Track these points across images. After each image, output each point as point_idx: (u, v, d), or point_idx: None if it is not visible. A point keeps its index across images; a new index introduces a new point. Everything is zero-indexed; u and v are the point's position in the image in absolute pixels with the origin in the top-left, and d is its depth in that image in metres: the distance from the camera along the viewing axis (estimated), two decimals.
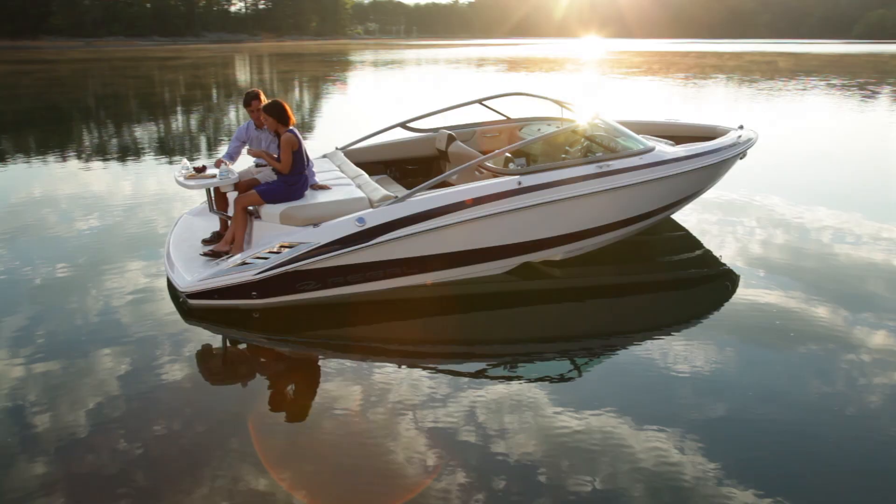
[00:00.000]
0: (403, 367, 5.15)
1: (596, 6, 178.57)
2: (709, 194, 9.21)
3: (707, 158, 7.24)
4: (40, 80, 36.45)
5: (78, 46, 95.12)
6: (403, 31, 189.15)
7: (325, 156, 7.81)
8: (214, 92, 31.43)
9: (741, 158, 7.91)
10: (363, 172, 6.90)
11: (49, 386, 4.81)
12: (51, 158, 13.96)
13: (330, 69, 45.66)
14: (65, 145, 16.11)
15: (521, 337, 5.85)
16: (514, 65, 48.56)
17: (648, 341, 5.58)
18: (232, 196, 6.52)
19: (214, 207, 6.52)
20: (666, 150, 7.10)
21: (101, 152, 14.78)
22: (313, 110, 23.53)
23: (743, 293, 6.58)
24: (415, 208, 5.92)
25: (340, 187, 6.48)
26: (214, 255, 6.18)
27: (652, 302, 6.71)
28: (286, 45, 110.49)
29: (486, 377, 5.04)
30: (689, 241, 8.11)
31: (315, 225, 5.86)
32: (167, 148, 15.33)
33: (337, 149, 7.96)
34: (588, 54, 68.14)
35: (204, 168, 6.26)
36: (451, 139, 7.61)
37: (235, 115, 22.28)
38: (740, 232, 8.35)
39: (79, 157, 14.00)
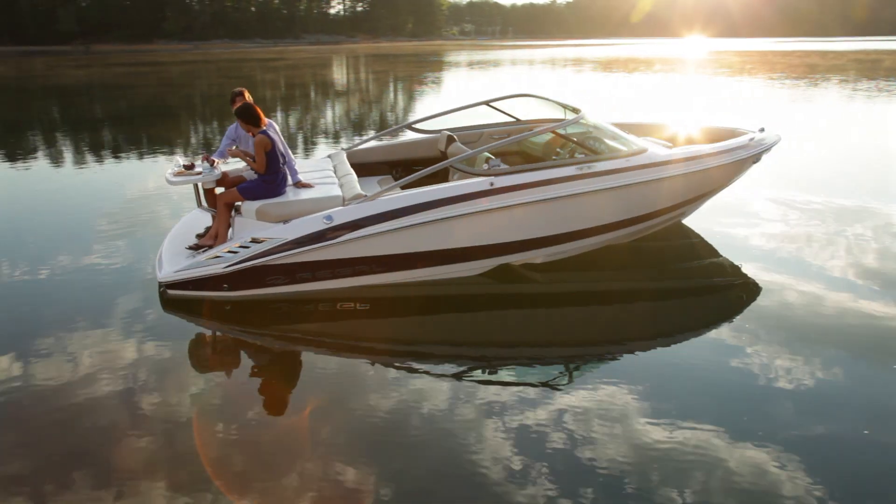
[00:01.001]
0: (485, 370, 5.14)
1: (701, 4, 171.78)
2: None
3: (705, 161, 6.80)
4: (153, 81, 38.14)
5: (187, 49, 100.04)
6: (499, 31, 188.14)
7: (329, 156, 7.92)
8: (312, 91, 31.75)
9: (755, 162, 7.40)
10: (352, 172, 6.88)
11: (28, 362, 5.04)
12: (161, 153, 14.51)
13: (422, 69, 45.50)
14: (172, 140, 16.78)
15: (566, 339, 5.73)
16: (610, 65, 46.91)
17: (733, 350, 5.30)
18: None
19: (203, 203, 6.66)
20: (659, 152, 6.72)
21: (205, 147, 15.20)
22: (402, 108, 23.14)
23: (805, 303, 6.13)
24: (382, 207, 5.94)
25: (322, 185, 6.57)
26: (198, 248, 6.37)
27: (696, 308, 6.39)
28: (382, 46, 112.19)
29: (553, 384, 4.85)
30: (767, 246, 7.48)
31: (285, 221, 5.97)
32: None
33: (342, 149, 8.04)
34: (687, 54, 65.24)
35: (192, 165, 6.42)
36: (450, 140, 7.55)
37: (332, 113, 22.23)
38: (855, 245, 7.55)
39: (184, 152, 14.65)
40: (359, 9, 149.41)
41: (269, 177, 6.32)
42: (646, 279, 6.85)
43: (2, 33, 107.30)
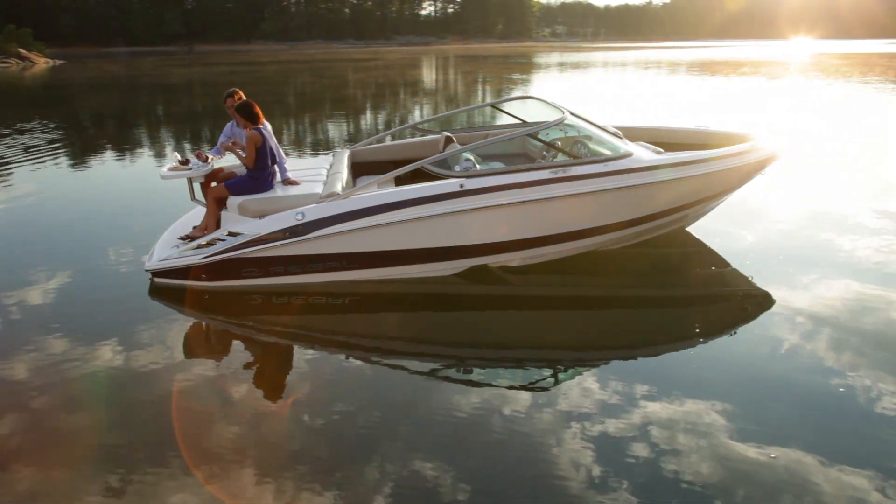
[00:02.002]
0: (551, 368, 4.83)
1: (808, 5, 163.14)
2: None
3: (693, 168, 6.49)
4: (250, 79, 39.40)
5: (283, 49, 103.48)
6: (591, 33, 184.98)
7: (333, 153, 8.08)
8: (401, 90, 31.92)
9: (762, 174, 7.10)
10: (344, 171, 7.00)
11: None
12: None
13: (510, 70, 45.02)
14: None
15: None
16: (704, 68, 44.95)
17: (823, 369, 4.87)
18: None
19: (197, 197, 6.88)
20: (644, 157, 6.46)
21: (295, 143, 15.31)
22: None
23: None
24: (353, 206, 6.05)
25: (307, 183, 6.70)
26: (189, 239, 6.55)
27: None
28: (471, 47, 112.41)
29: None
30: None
31: (261, 216, 6.13)
32: (352, 138, 15.26)
33: (347, 148, 8.15)
34: (789, 56, 61.84)
35: (187, 161, 6.62)
36: (448, 141, 7.54)
37: (420, 112, 22.15)
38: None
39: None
40: (449, 10, 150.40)
41: (256, 173, 6.50)
42: (627, 286, 6.65)
43: (114, 35, 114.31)
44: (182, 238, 6.64)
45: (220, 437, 4.09)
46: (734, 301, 6.31)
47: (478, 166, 6.72)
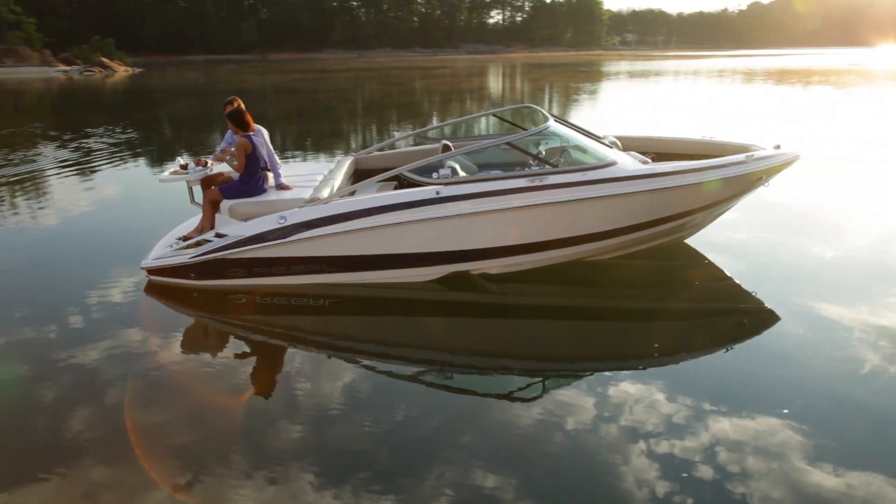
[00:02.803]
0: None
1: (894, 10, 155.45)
2: None
3: (679, 179, 6.29)
4: (321, 86, 40.30)
5: (352, 58, 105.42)
6: (662, 42, 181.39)
7: (337, 160, 8.29)
8: (468, 96, 31.99)
9: (765, 186, 6.83)
10: (339, 178, 7.15)
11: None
12: (319, 148, 15.38)
13: (577, 78, 44.52)
14: (328, 136, 17.54)
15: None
16: (784, 77, 43.34)
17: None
18: None
19: (196, 200, 7.14)
20: (628, 167, 6.39)
21: (361, 146, 15.67)
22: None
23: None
24: (332, 210, 6.20)
25: (299, 188, 6.91)
26: (186, 239, 6.75)
27: None
28: (538, 55, 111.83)
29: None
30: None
31: (248, 219, 6.40)
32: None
33: (352, 154, 8.35)
34: (871, 64, 58.96)
35: (186, 166, 6.95)
36: (445, 149, 7.57)
37: (486, 124, 22.11)
38: None
39: (342, 149, 15.20)
40: (517, 19, 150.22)
41: (247, 178, 6.76)
42: (618, 297, 6.57)
43: (193, 43, 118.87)
44: (180, 238, 6.89)
45: (281, 439, 4.13)
46: (733, 315, 6.13)
47: (462, 174, 6.78)
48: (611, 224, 6.48)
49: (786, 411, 4.30)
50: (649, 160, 6.88)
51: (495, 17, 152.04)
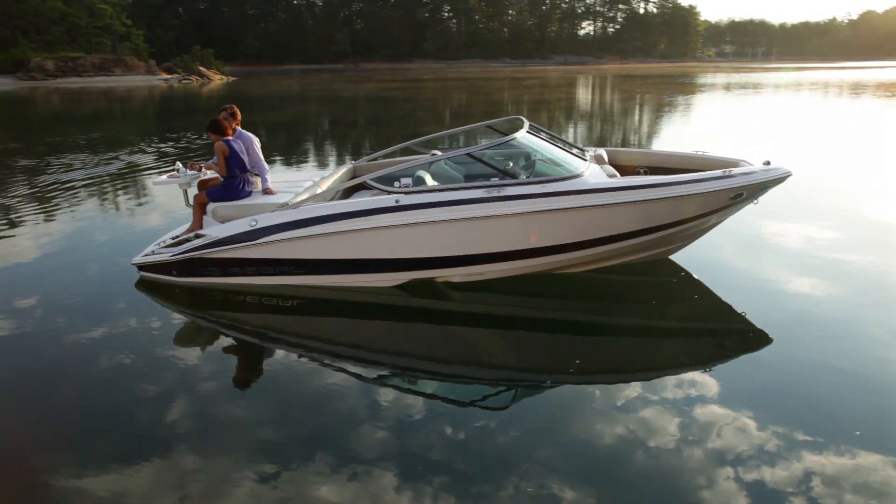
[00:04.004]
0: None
1: None
2: None
3: (645, 193, 6.23)
4: (410, 94, 40.98)
5: (441, 68, 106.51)
6: (762, 53, 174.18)
7: (338, 167, 8.61)
8: (557, 108, 31.75)
9: (754, 203, 6.70)
10: (324, 184, 7.34)
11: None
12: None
13: (670, 90, 43.31)
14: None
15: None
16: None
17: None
18: None
19: (189, 203, 7.46)
20: (591, 180, 6.40)
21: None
22: (633, 128, 22.03)
23: None
24: (299, 215, 6.49)
25: (286, 193, 7.16)
26: (175, 239, 7.13)
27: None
28: (629, 66, 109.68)
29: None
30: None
31: (225, 221, 6.82)
32: None
33: (350, 162, 8.61)
34: None
35: (179, 170, 7.49)
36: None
37: (575, 132, 21.88)
38: None
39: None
40: (609, 30, 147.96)
41: (228, 181, 7.09)
42: (571, 310, 6.59)
43: (290, 54, 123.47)
44: (173, 237, 7.26)
45: (364, 440, 4.25)
46: (717, 335, 6.04)
47: (434, 183, 6.93)
48: (571, 237, 6.50)
49: (774, 428, 4.28)
50: (615, 173, 6.87)
51: (586, 27, 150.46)
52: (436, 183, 6.98)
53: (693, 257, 7.48)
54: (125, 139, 21.66)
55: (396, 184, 6.79)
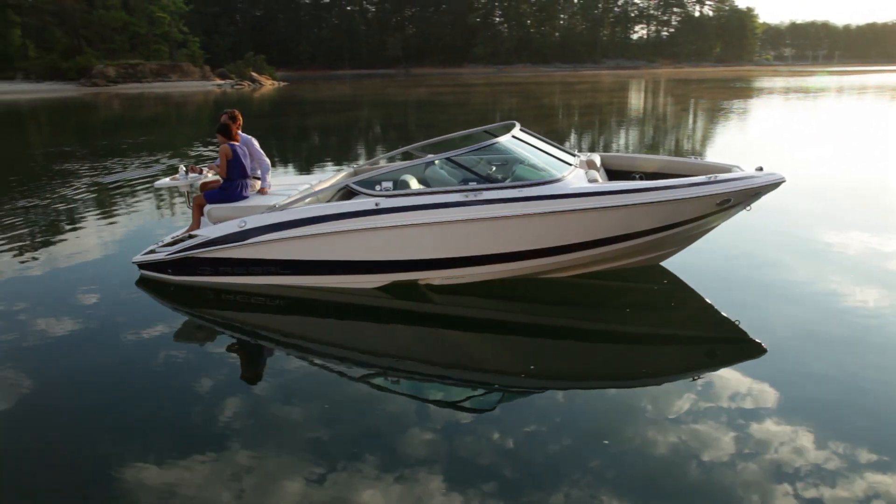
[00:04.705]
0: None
1: None
2: None
3: (625, 198, 6.22)
4: (458, 99, 40.97)
5: (491, 73, 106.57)
6: (823, 56, 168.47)
7: (337, 172, 8.82)
8: (609, 113, 31.27)
9: (747, 210, 6.66)
10: (320, 187, 7.45)
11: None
12: None
13: (726, 95, 42.17)
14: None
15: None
16: None
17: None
18: None
19: (191, 204, 7.64)
20: (570, 185, 6.41)
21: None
22: (685, 135, 21.43)
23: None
24: (284, 217, 6.67)
25: (281, 197, 7.33)
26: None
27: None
28: (683, 71, 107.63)
29: None
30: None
31: (219, 222, 7.05)
32: None
33: (352, 166, 8.68)
34: None
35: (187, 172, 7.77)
36: (440, 163, 7.58)
37: (626, 138, 21.46)
38: None
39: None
40: (663, 33, 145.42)
41: (227, 184, 7.31)
42: (555, 315, 6.60)
43: (343, 58, 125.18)
44: (173, 237, 7.43)
45: (413, 443, 4.28)
46: (705, 343, 5.98)
47: (419, 187, 7.01)
48: (547, 241, 6.52)
49: (748, 450, 4.16)
50: (597, 179, 6.85)
51: (639, 31, 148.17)
52: (421, 186, 7.08)
53: (685, 263, 7.38)
54: (171, 143, 22.20)
55: (378, 187, 6.86)
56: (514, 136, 7.20)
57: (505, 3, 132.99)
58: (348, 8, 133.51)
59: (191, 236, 7.05)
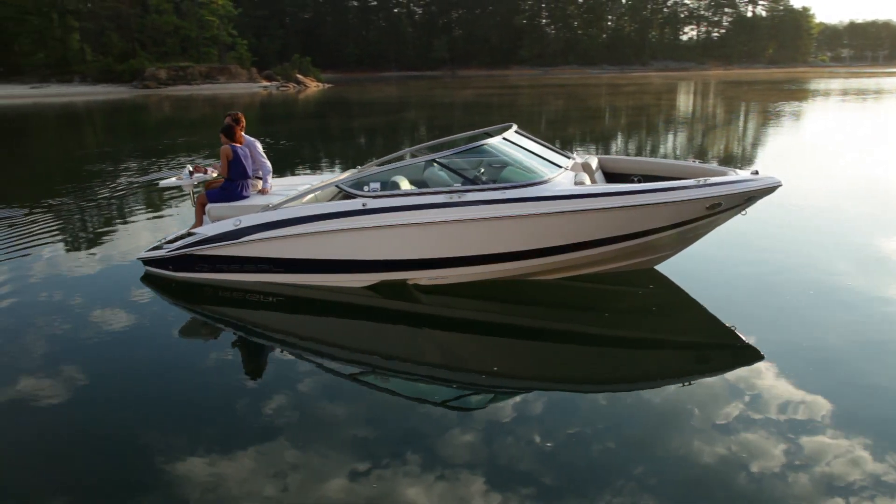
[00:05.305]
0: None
1: None
2: None
3: (606, 201, 6.22)
4: (503, 101, 40.69)
5: (538, 74, 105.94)
6: (884, 56, 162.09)
7: (343, 173, 9.10)
8: (654, 114, 30.61)
9: (742, 215, 6.60)
10: (319, 188, 7.57)
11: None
12: None
13: (780, 97, 40.86)
14: None
15: None
16: None
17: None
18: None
19: (195, 202, 7.93)
20: (557, 187, 6.43)
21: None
22: (727, 137, 20.72)
23: None
24: (277, 216, 6.87)
25: (278, 196, 7.59)
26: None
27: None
28: (733, 72, 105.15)
29: None
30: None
31: (217, 221, 7.26)
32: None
33: (357, 167, 8.96)
34: None
35: (191, 174, 8.03)
36: (438, 164, 7.51)
37: (674, 141, 20.91)
38: None
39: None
40: (714, 35, 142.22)
41: (227, 184, 7.57)
42: (538, 318, 6.60)
43: (389, 60, 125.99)
44: (177, 235, 7.70)
45: (455, 445, 4.29)
46: (697, 348, 5.92)
47: (410, 188, 7.06)
48: (531, 243, 6.54)
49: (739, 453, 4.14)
50: (585, 181, 6.83)
51: (689, 32, 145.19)
52: (411, 187, 7.15)
53: (680, 268, 7.35)
54: (215, 143, 22.41)
55: (366, 188, 6.93)
56: (504, 138, 7.24)
57: (552, 4, 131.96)
58: (395, 10, 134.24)
59: (190, 234, 7.29)
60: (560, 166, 7.00)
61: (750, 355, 5.42)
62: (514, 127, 7.65)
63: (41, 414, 4.79)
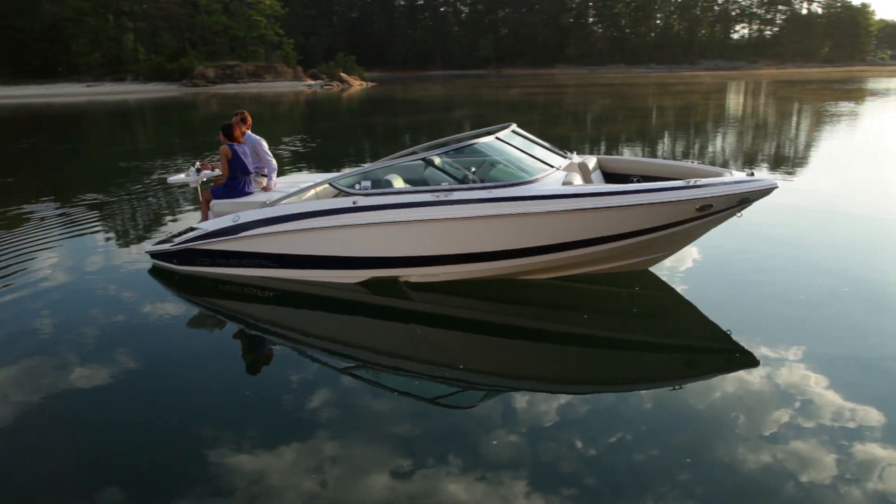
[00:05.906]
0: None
1: None
2: None
3: (592, 201, 6.19)
4: (547, 101, 40.31)
5: (584, 73, 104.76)
6: None
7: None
8: (701, 114, 29.90)
9: (738, 216, 6.50)
10: (322, 186, 7.65)
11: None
12: None
13: (835, 97, 39.45)
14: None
15: None
16: None
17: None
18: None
19: (202, 199, 8.17)
20: (544, 187, 6.45)
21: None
22: (778, 140, 20.00)
23: None
24: (273, 212, 7.06)
25: (276, 193, 7.77)
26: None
27: None
28: (787, 71, 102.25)
29: None
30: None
31: (217, 216, 7.51)
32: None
33: (364, 167, 9.11)
34: None
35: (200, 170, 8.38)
36: (427, 163, 7.60)
37: (723, 143, 20.36)
38: None
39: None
40: (766, 33, 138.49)
41: (230, 181, 7.84)
42: (527, 317, 6.66)
43: (435, 59, 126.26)
44: (183, 229, 7.90)
45: (498, 446, 4.27)
46: (688, 351, 5.91)
47: (404, 186, 7.10)
48: (518, 242, 6.56)
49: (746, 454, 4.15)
50: (577, 181, 6.85)
51: (740, 30, 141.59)
52: (405, 185, 7.21)
53: (676, 269, 7.36)
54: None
55: (357, 186, 7.05)
56: (497, 138, 7.23)
57: (599, 3, 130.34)
58: (442, 9, 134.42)
59: (191, 229, 7.53)
60: (552, 166, 7.02)
61: (746, 360, 5.38)
62: (513, 126, 7.70)
63: (75, 401, 4.94)
